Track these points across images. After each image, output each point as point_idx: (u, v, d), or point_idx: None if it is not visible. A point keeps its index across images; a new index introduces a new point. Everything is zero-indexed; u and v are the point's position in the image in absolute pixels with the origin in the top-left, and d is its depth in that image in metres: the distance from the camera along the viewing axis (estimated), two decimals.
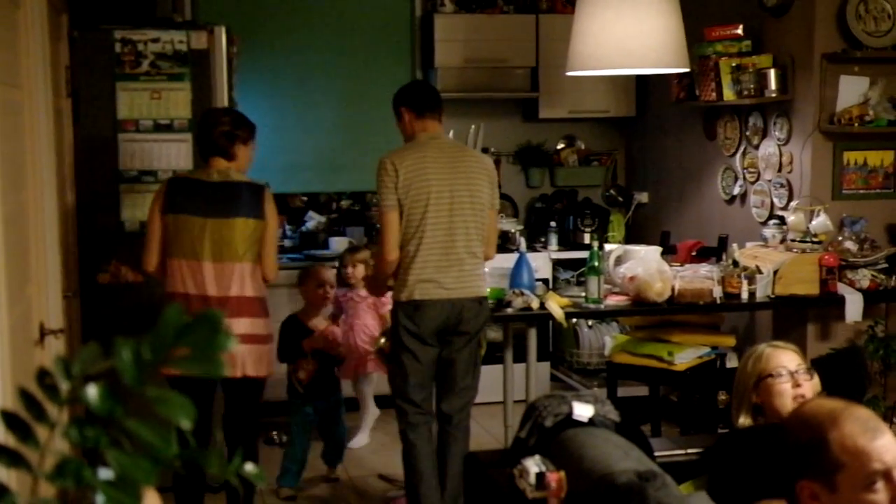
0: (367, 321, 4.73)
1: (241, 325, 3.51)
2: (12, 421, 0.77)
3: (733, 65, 4.89)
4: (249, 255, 3.56)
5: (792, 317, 4.70)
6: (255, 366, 3.58)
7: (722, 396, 4.69)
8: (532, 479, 2.36)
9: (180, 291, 3.54)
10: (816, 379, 2.55)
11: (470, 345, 3.76)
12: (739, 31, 4.95)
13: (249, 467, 0.91)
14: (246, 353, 3.54)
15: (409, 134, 3.79)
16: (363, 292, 4.65)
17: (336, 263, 4.97)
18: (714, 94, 5.01)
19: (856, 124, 4.54)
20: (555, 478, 2.33)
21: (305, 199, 6.10)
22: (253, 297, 3.59)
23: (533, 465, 2.41)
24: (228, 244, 3.53)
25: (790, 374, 2.51)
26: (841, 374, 3.14)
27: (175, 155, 4.22)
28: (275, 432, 5.14)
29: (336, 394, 4.50)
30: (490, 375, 5.34)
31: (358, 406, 5.07)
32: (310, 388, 4.36)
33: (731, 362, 4.63)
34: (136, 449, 0.76)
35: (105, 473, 0.76)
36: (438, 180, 3.65)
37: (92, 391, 0.76)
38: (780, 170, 4.89)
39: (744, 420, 2.57)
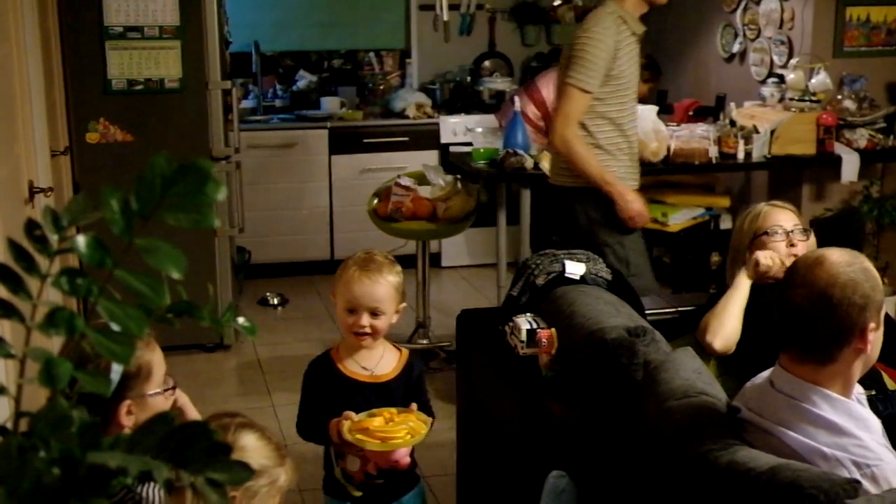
0: None
1: None
2: (3, 272, 0.76)
3: None
4: None
5: (787, 177, 4.69)
6: None
7: (715, 258, 4.72)
8: (523, 335, 2.39)
9: None
10: (813, 239, 2.55)
11: None
12: None
13: (241, 320, 0.91)
14: None
15: None
16: None
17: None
18: None
19: None
20: (546, 334, 2.36)
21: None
22: None
23: (524, 321, 2.43)
24: None
25: (786, 234, 2.52)
26: (838, 235, 3.15)
27: (161, 9, 4.09)
28: (269, 293, 5.18)
29: (415, 484, 2.40)
30: (483, 237, 5.38)
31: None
32: (371, 487, 2.29)
33: (725, 224, 4.64)
34: (128, 299, 0.76)
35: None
36: None
37: (81, 241, 0.75)
38: (780, 26, 4.78)
39: None
